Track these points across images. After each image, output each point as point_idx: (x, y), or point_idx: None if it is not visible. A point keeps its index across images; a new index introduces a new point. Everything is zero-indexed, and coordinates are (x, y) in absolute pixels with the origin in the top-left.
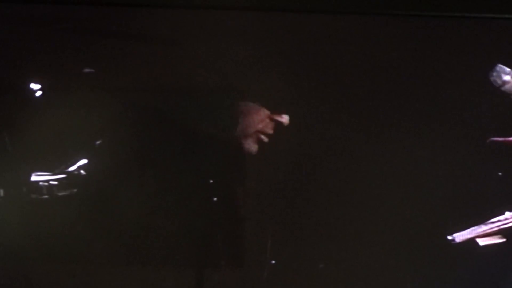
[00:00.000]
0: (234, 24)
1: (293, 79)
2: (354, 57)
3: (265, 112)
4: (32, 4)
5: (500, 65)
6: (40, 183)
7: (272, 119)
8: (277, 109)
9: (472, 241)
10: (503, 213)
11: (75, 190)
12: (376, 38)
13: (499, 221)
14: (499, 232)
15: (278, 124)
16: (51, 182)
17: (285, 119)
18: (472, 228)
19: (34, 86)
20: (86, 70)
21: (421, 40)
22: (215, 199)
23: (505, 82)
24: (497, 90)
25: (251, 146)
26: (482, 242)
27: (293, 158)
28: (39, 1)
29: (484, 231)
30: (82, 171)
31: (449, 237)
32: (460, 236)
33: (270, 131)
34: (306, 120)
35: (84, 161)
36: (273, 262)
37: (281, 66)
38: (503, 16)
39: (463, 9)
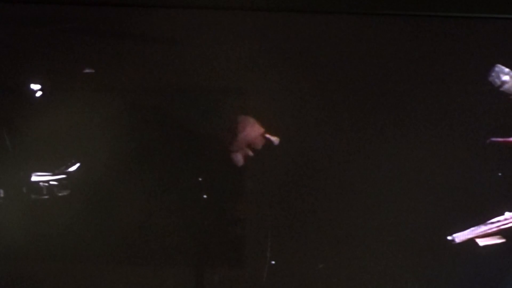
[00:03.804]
0: (234, 24)
1: (293, 80)
2: (353, 57)
3: (259, 129)
4: (32, 4)
5: (499, 65)
6: (40, 183)
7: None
8: (276, 109)
9: (472, 241)
10: (503, 214)
11: (75, 190)
12: (376, 38)
13: (499, 221)
14: (499, 233)
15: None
16: (51, 182)
17: (276, 140)
18: (472, 228)
19: (34, 86)
20: (86, 70)
21: (421, 40)
22: (215, 199)
23: (504, 82)
24: (496, 90)
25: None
26: (482, 242)
27: (294, 158)
28: (39, 1)
29: (484, 231)
30: (82, 172)
31: (449, 238)
32: (460, 236)
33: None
34: (306, 120)
35: (84, 162)
36: (273, 262)
37: (280, 66)
38: (503, 16)
39: (463, 9)
